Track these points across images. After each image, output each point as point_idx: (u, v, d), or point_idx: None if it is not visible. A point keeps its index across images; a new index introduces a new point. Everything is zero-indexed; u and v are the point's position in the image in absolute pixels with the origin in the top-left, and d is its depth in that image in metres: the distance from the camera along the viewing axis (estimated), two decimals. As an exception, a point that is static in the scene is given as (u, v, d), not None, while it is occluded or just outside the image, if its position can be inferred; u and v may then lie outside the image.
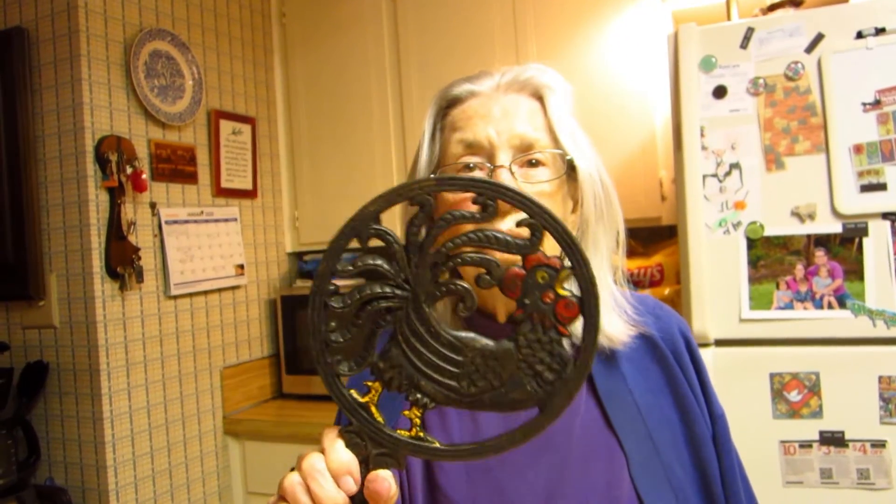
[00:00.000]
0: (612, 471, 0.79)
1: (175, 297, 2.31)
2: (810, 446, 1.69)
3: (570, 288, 0.55)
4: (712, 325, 1.77)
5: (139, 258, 2.14)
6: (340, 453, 0.56)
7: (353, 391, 0.58)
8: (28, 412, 2.10)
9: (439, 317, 0.58)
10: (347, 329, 0.57)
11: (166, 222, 2.27)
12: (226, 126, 2.56)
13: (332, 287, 0.57)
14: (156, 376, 2.23)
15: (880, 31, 1.63)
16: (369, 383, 0.58)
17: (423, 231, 0.56)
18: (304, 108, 2.88)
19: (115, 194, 2.08)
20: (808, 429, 1.69)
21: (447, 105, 0.88)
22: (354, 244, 0.57)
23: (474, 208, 0.55)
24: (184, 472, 2.32)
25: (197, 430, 2.39)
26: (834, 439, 1.67)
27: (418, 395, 0.57)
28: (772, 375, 1.72)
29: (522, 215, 0.55)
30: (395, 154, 2.70)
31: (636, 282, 2.40)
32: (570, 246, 0.54)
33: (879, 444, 1.63)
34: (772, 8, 2.01)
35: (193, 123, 2.43)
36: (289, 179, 2.93)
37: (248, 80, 2.73)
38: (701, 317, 1.77)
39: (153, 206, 2.24)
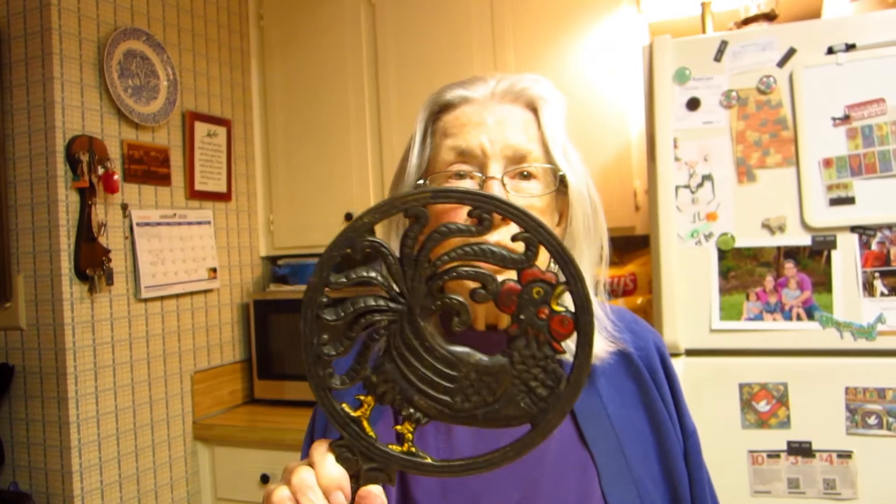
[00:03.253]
0: (584, 485, 0.79)
1: (146, 300, 2.28)
2: (778, 456, 1.70)
3: (564, 304, 0.55)
4: (683, 335, 1.78)
5: (109, 260, 2.11)
6: (331, 468, 0.55)
7: (344, 405, 0.58)
8: (-8, 415, 2.07)
9: (432, 329, 0.57)
10: (340, 342, 0.57)
11: (138, 224, 2.24)
12: (200, 128, 2.54)
13: (325, 299, 0.56)
14: (125, 380, 2.20)
15: (850, 48, 1.66)
16: (362, 397, 0.58)
17: (419, 244, 0.56)
18: (280, 111, 2.86)
19: (86, 195, 2.06)
20: (776, 439, 1.71)
21: (439, 110, 0.87)
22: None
23: (465, 219, 0.55)
24: (152, 477, 2.29)
25: (166, 434, 2.36)
26: (801, 449, 1.69)
27: (412, 410, 0.57)
28: (741, 386, 1.73)
29: (515, 228, 0.54)
30: (371, 158, 2.69)
31: (610, 291, 2.42)
32: (566, 262, 0.54)
33: (846, 455, 1.65)
34: (746, 22, 2.04)
35: (167, 125, 2.40)
36: (264, 183, 2.91)
37: (224, 82, 2.71)
38: (672, 327, 1.78)
39: (125, 207, 2.21)
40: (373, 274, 0.56)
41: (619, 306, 0.95)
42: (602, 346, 0.84)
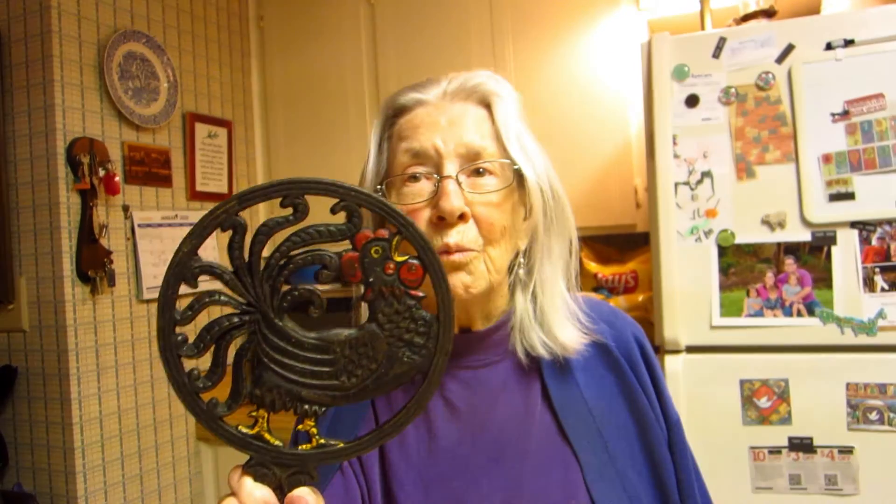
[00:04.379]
0: (568, 480, 0.79)
1: (147, 301, 2.29)
2: (779, 452, 1.70)
3: (406, 253, 0.56)
4: (683, 331, 1.78)
5: (111, 262, 2.12)
6: (251, 490, 0.56)
7: (241, 426, 0.58)
8: (-5, 417, 2.08)
9: (293, 325, 0.58)
10: (212, 371, 0.57)
11: (139, 225, 2.25)
12: (201, 129, 2.54)
13: (179, 337, 0.56)
14: (127, 381, 2.21)
15: (849, 43, 1.65)
16: (254, 413, 0.58)
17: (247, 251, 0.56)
18: (281, 111, 2.87)
19: (87, 197, 2.06)
20: (778, 435, 1.71)
21: (394, 114, 0.87)
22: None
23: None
24: (155, 478, 2.30)
25: (169, 435, 2.37)
26: (803, 445, 1.68)
27: (306, 406, 0.57)
28: (742, 382, 1.73)
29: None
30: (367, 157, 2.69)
31: (611, 288, 2.42)
32: (391, 213, 0.55)
33: (847, 451, 1.65)
34: (745, 18, 2.04)
35: (168, 126, 2.41)
36: (265, 183, 2.91)
37: (224, 83, 2.72)
38: (672, 323, 1.78)
39: (126, 209, 2.21)
40: (215, 297, 0.56)
41: (596, 298, 0.95)
42: (575, 338, 0.83)
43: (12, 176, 2.08)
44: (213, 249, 2.35)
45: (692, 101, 1.77)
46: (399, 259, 0.55)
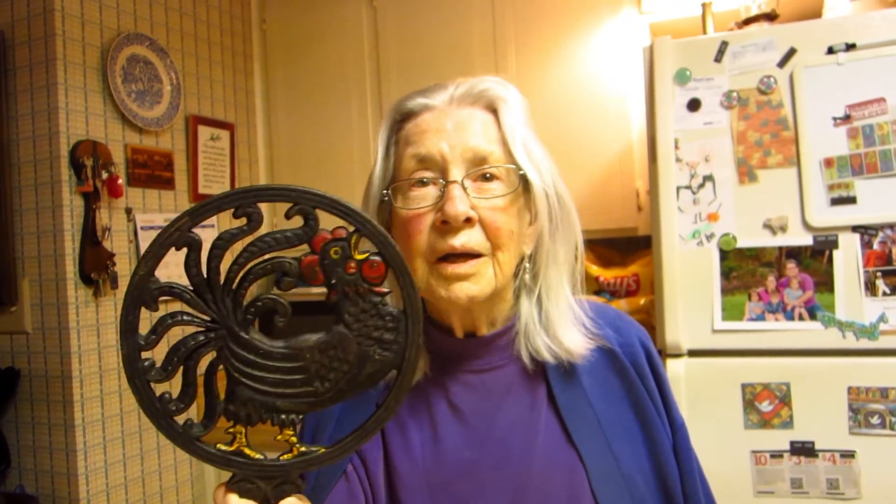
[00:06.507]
0: (573, 484, 0.79)
1: (150, 304, 2.29)
2: (781, 456, 1.70)
3: (366, 250, 0.55)
4: (685, 335, 1.78)
5: (114, 264, 2.12)
6: None
7: (220, 445, 0.57)
8: (-2, 419, 2.08)
9: (259, 336, 0.57)
10: (184, 392, 0.56)
11: (142, 228, 2.26)
12: (204, 132, 2.55)
13: (146, 363, 0.56)
14: (129, 383, 2.21)
15: (851, 47, 1.66)
16: (232, 430, 0.57)
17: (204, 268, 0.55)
18: (283, 114, 2.87)
19: (91, 199, 2.07)
20: (779, 439, 1.70)
21: (401, 119, 0.87)
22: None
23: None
24: (157, 480, 2.30)
25: (171, 437, 2.37)
26: (804, 449, 1.68)
27: (282, 417, 0.57)
28: (743, 386, 1.73)
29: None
30: (373, 161, 2.69)
31: (613, 291, 2.42)
32: (346, 211, 0.54)
33: (849, 455, 1.65)
34: (747, 22, 2.04)
35: (171, 129, 2.41)
36: (268, 186, 2.91)
37: (227, 85, 2.72)
38: (674, 327, 1.78)
39: (129, 211, 2.22)
40: (178, 317, 0.56)
41: (601, 303, 0.95)
42: (582, 344, 0.83)
43: (16, 178, 2.09)
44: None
45: (694, 104, 1.78)
46: (359, 257, 0.55)
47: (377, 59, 2.69)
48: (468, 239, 0.76)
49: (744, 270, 1.74)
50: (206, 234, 0.52)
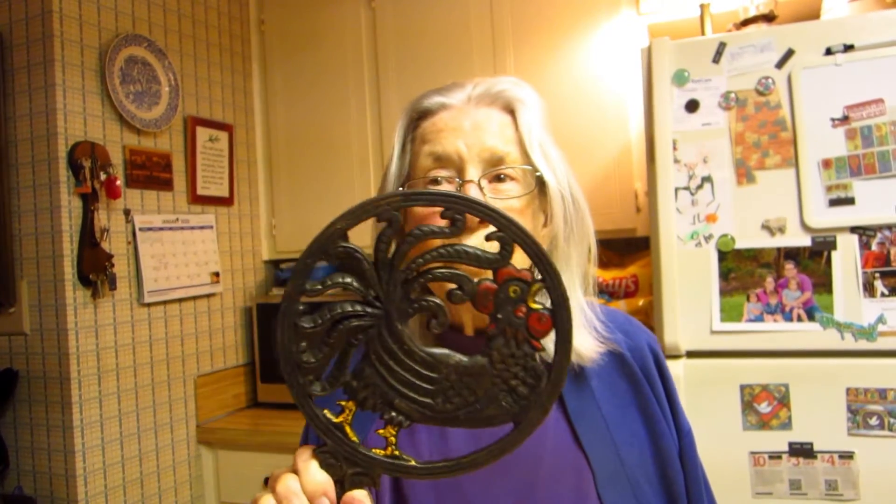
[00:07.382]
0: (580, 487, 0.79)
1: (148, 305, 2.29)
2: (780, 457, 1.70)
3: (541, 301, 0.55)
4: (683, 336, 1.78)
5: (112, 265, 2.12)
6: (316, 474, 0.55)
7: (326, 411, 0.57)
8: (-4, 420, 2.08)
9: (411, 332, 0.57)
10: (319, 349, 0.56)
11: (140, 229, 2.26)
12: (202, 133, 2.55)
13: (301, 307, 0.56)
14: (128, 384, 2.21)
15: (849, 48, 1.66)
16: (343, 403, 0.57)
17: (393, 247, 0.55)
18: (282, 115, 2.87)
19: (89, 200, 2.07)
20: (778, 440, 1.70)
21: (418, 117, 0.87)
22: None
23: (443, 223, 0.55)
24: (156, 481, 2.30)
25: (170, 439, 2.37)
26: (803, 451, 1.68)
27: (393, 414, 0.57)
28: (742, 387, 1.73)
29: (491, 230, 0.54)
30: (372, 162, 2.70)
31: (611, 292, 2.42)
32: (541, 259, 0.54)
33: (847, 456, 1.65)
34: (745, 23, 2.04)
35: (169, 130, 2.41)
36: (266, 187, 2.92)
37: (225, 86, 2.72)
38: (672, 328, 1.78)
39: (127, 212, 2.22)
40: (348, 280, 0.55)
41: (611, 307, 0.95)
42: (592, 347, 0.83)
43: (14, 180, 2.08)
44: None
45: (692, 105, 1.78)
46: (533, 306, 0.55)
47: (376, 60, 2.69)
48: (480, 240, 0.76)
49: (742, 271, 1.74)
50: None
